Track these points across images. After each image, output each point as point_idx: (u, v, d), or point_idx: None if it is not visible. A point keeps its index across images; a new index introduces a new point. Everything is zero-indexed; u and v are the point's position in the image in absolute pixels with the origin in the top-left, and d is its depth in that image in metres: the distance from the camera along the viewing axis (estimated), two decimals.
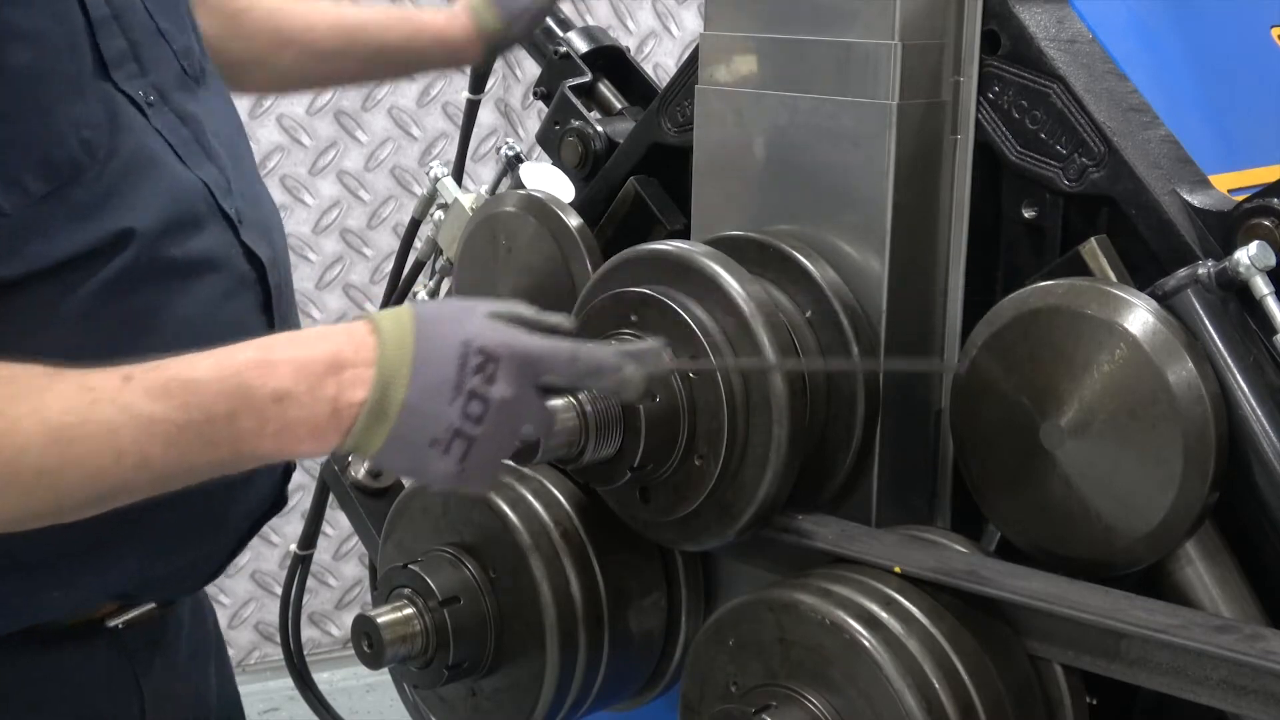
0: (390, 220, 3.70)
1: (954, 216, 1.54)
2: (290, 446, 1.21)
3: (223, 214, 1.46)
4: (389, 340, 1.22)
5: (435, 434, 1.21)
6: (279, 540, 3.75)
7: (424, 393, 1.21)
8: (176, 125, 1.45)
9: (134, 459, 1.16)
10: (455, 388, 1.21)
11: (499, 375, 1.23)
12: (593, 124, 1.94)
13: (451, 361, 1.22)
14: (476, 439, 1.23)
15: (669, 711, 1.60)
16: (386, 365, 1.21)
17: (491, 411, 1.23)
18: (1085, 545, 1.39)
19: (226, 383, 1.18)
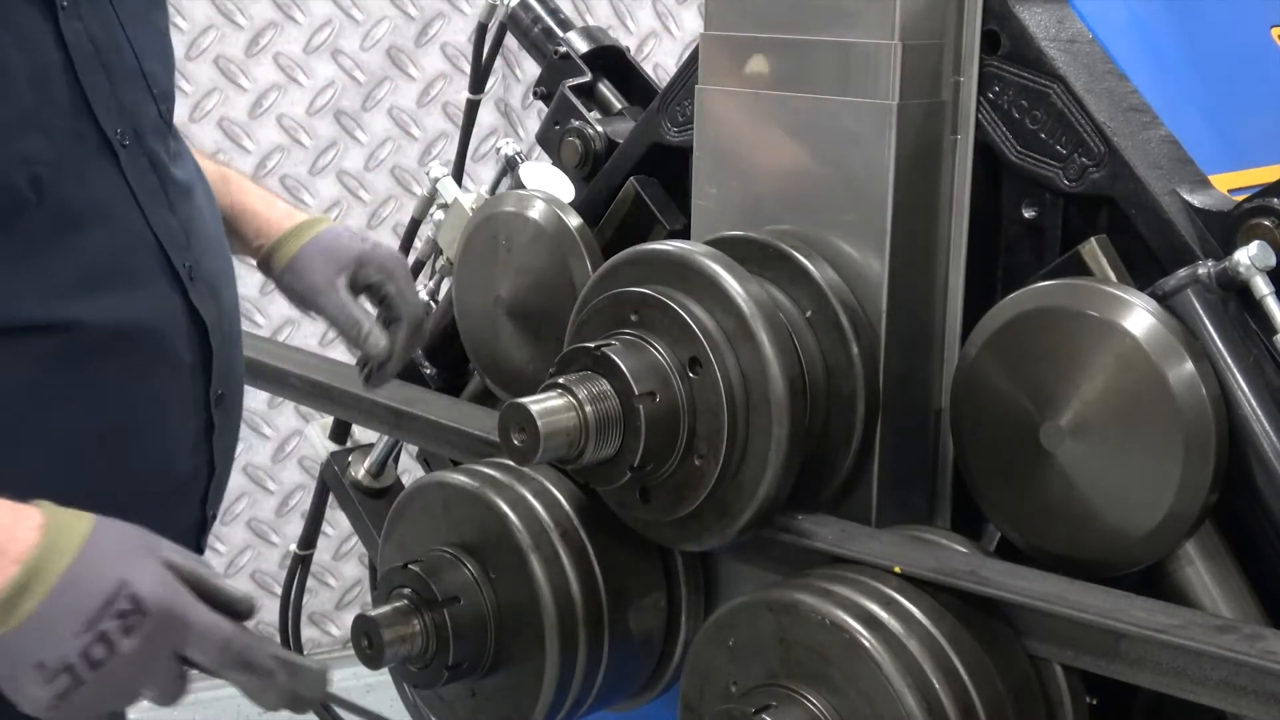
0: (390, 220, 3.69)
1: (954, 216, 1.54)
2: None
3: (172, 271, 1.41)
4: (53, 544, 1.14)
5: (45, 658, 1.13)
6: (279, 540, 3.75)
7: (55, 613, 1.12)
8: (146, 170, 1.41)
9: None
10: (88, 624, 1.13)
11: (138, 631, 1.14)
12: (593, 124, 1.94)
13: (98, 594, 1.13)
14: (84, 684, 1.14)
15: (669, 711, 1.60)
16: (33, 570, 1.12)
17: (112, 664, 1.14)
18: (1085, 545, 1.39)
19: None
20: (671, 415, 1.45)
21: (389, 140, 3.68)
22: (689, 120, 1.71)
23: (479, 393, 2.08)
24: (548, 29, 2.12)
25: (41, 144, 1.29)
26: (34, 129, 1.28)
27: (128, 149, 1.38)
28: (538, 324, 1.85)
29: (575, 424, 1.42)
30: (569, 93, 2.00)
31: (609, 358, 1.45)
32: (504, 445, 1.44)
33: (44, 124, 1.29)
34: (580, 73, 2.04)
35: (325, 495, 2.29)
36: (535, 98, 2.10)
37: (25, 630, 1.12)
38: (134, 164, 1.39)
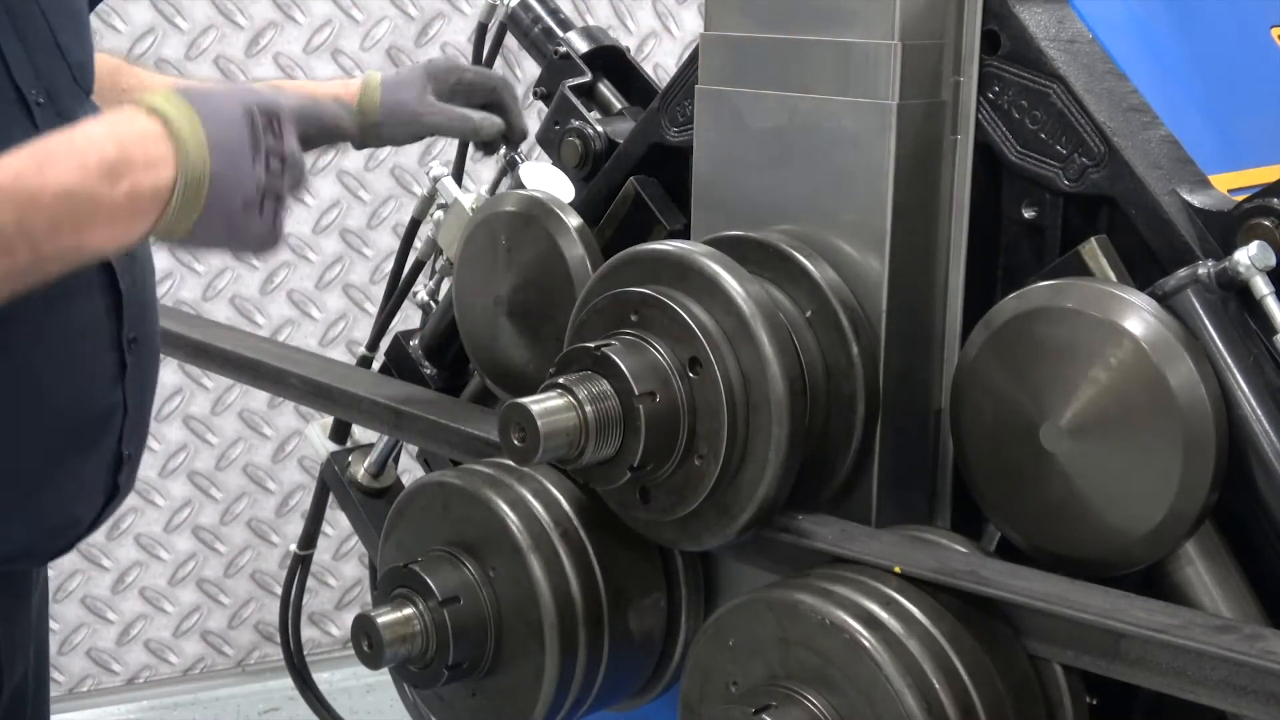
0: (390, 220, 3.70)
1: (954, 216, 1.54)
2: (88, 240, 1.27)
3: None
4: (175, 118, 1.26)
5: (248, 194, 1.28)
6: (279, 540, 3.75)
7: (227, 159, 1.27)
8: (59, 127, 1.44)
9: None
10: (254, 146, 1.28)
11: (285, 130, 1.31)
12: (593, 124, 1.94)
13: (242, 124, 1.28)
14: (282, 194, 1.31)
15: (669, 711, 1.60)
16: (186, 142, 1.26)
17: (289, 165, 1.31)
18: (1085, 545, 1.39)
19: (6, 190, 1.23)
20: (671, 415, 1.45)
21: None
22: (689, 120, 1.71)
23: (479, 393, 2.08)
24: (548, 29, 2.12)
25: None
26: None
27: (42, 107, 1.47)
28: (538, 324, 1.85)
29: (575, 424, 1.42)
30: (569, 93, 2.00)
31: (609, 358, 1.45)
32: (504, 445, 1.44)
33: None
34: (580, 73, 2.03)
35: (325, 495, 2.29)
36: (535, 98, 2.10)
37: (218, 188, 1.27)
38: (47, 121, 1.46)
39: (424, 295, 2.16)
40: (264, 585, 3.77)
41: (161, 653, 3.72)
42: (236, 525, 3.72)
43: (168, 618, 3.70)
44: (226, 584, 3.74)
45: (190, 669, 3.76)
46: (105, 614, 3.64)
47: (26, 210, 1.23)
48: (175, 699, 3.71)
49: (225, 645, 3.77)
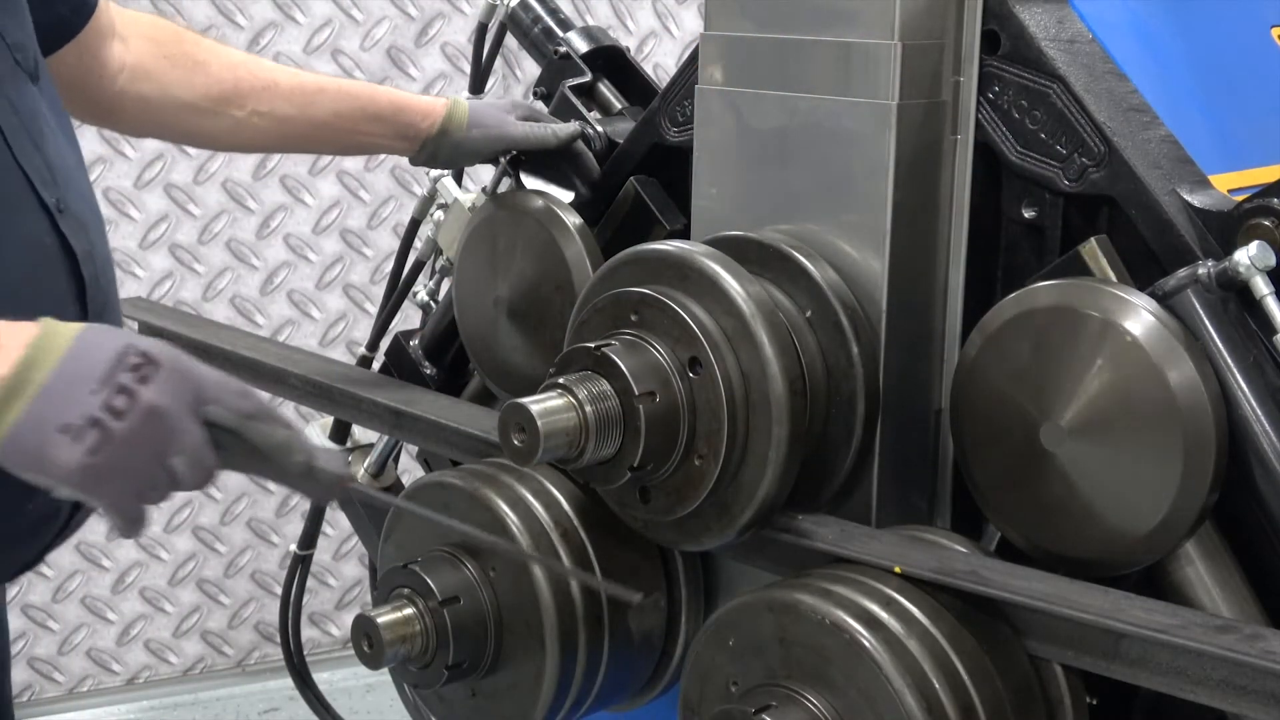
0: (390, 220, 3.70)
1: (954, 216, 1.54)
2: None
3: (40, 203, 1.45)
4: (52, 330, 1.19)
5: (69, 419, 1.16)
6: (279, 540, 3.75)
7: (67, 378, 1.17)
8: (8, 111, 1.44)
9: None
10: (102, 379, 1.17)
11: (154, 380, 1.18)
12: (593, 124, 1.94)
13: (107, 357, 1.18)
14: (113, 434, 1.17)
15: (669, 711, 1.60)
16: (38, 348, 1.18)
17: (137, 411, 1.17)
18: (1085, 545, 1.39)
19: None
20: (671, 415, 1.45)
21: None
22: (689, 120, 1.71)
23: (479, 393, 2.08)
24: (548, 29, 2.12)
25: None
26: None
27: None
28: (538, 324, 1.85)
29: (575, 424, 1.42)
30: (569, 93, 2.00)
31: (609, 358, 1.45)
32: (504, 445, 1.44)
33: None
34: (580, 73, 2.03)
35: None
36: (535, 98, 2.10)
37: (42, 399, 1.16)
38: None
39: (424, 295, 2.16)
40: (264, 585, 3.77)
41: (161, 653, 3.72)
42: (236, 525, 3.72)
43: (168, 618, 3.71)
44: (226, 584, 3.74)
45: (190, 669, 3.76)
46: (105, 614, 3.64)
47: None
48: (175, 699, 3.71)
49: (225, 645, 3.77)
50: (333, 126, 1.85)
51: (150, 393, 1.18)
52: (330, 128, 1.85)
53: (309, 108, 1.83)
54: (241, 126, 1.84)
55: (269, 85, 1.81)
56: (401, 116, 1.85)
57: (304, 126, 1.84)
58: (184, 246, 3.52)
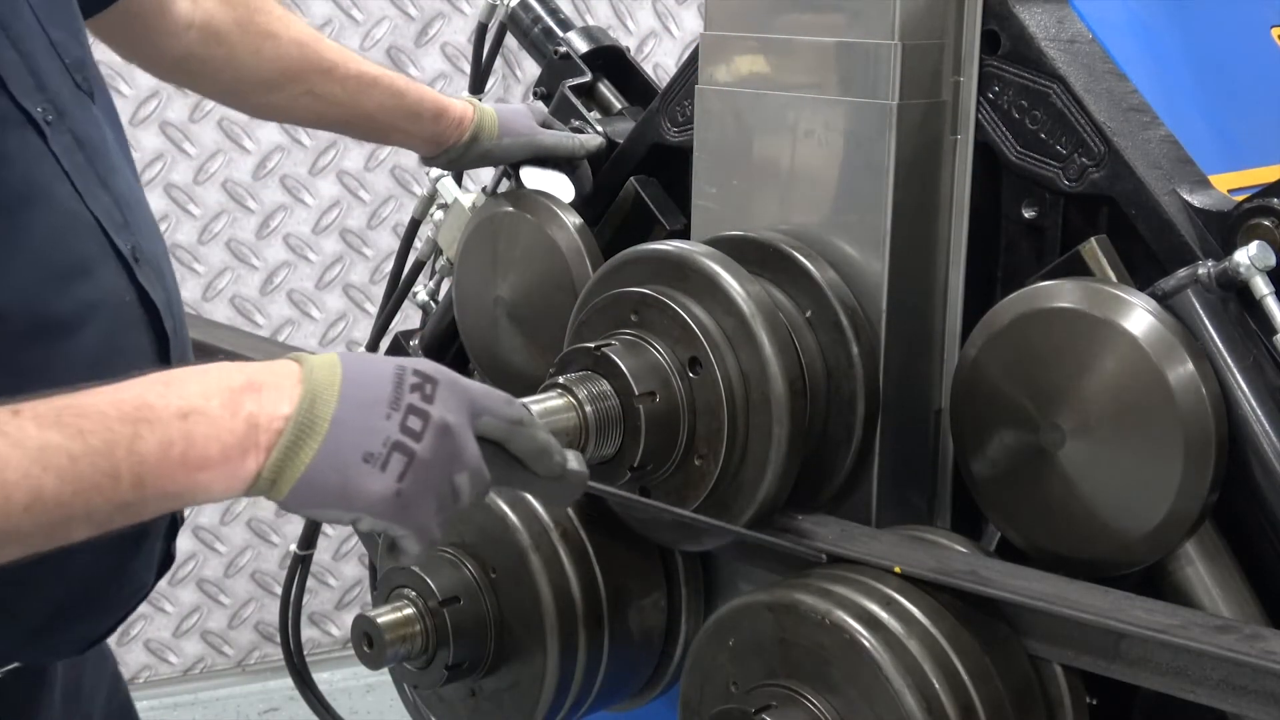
0: (390, 220, 3.70)
1: (954, 216, 1.54)
2: (197, 474, 1.06)
3: (116, 253, 1.32)
4: (316, 364, 1.12)
5: (370, 447, 1.10)
6: (279, 540, 3.75)
7: (357, 406, 1.11)
8: (73, 149, 1.30)
9: (24, 496, 0.99)
10: (391, 403, 1.12)
11: (438, 396, 1.14)
12: (593, 124, 1.94)
13: (386, 379, 1.13)
14: (416, 455, 1.12)
15: (669, 711, 1.60)
16: (313, 381, 1.10)
17: (431, 430, 1.13)
18: (1085, 545, 1.39)
19: (125, 404, 1.04)
20: (671, 415, 1.45)
21: None
22: (689, 120, 1.71)
23: None
24: (548, 29, 2.12)
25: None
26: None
27: (52, 126, 1.28)
28: (538, 324, 1.85)
29: (575, 424, 1.42)
30: (569, 93, 2.00)
31: (609, 358, 1.45)
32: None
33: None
34: (580, 73, 2.03)
35: None
36: (535, 98, 2.10)
37: (337, 431, 1.09)
38: (60, 142, 1.28)
39: (424, 295, 2.16)
40: (264, 585, 3.77)
41: (161, 653, 3.72)
42: (236, 525, 3.72)
43: (168, 618, 3.71)
44: (226, 584, 3.74)
45: (190, 669, 3.76)
46: None
47: (140, 428, 1.04)
48: (175, 699, 3.71)
49: (225, 645, 3.77)
50: (375, 119, 1.85)
51: (438, 409, 1.14)
52: (372, 120, 1.85)
53: (359, 97, 1.81)
54: (293, 103, 1.82)
55: (328, 69, 1.79)
56: (439, 122, 1.85)
57: (348, 114, 1.84)
58: (184, 246, 3.52)
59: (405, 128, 1.86)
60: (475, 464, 1.18)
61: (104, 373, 1.23)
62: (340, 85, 1.80)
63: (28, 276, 1.22)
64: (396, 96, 1.82)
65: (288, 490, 1.09)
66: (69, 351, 1.25)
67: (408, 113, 1.84)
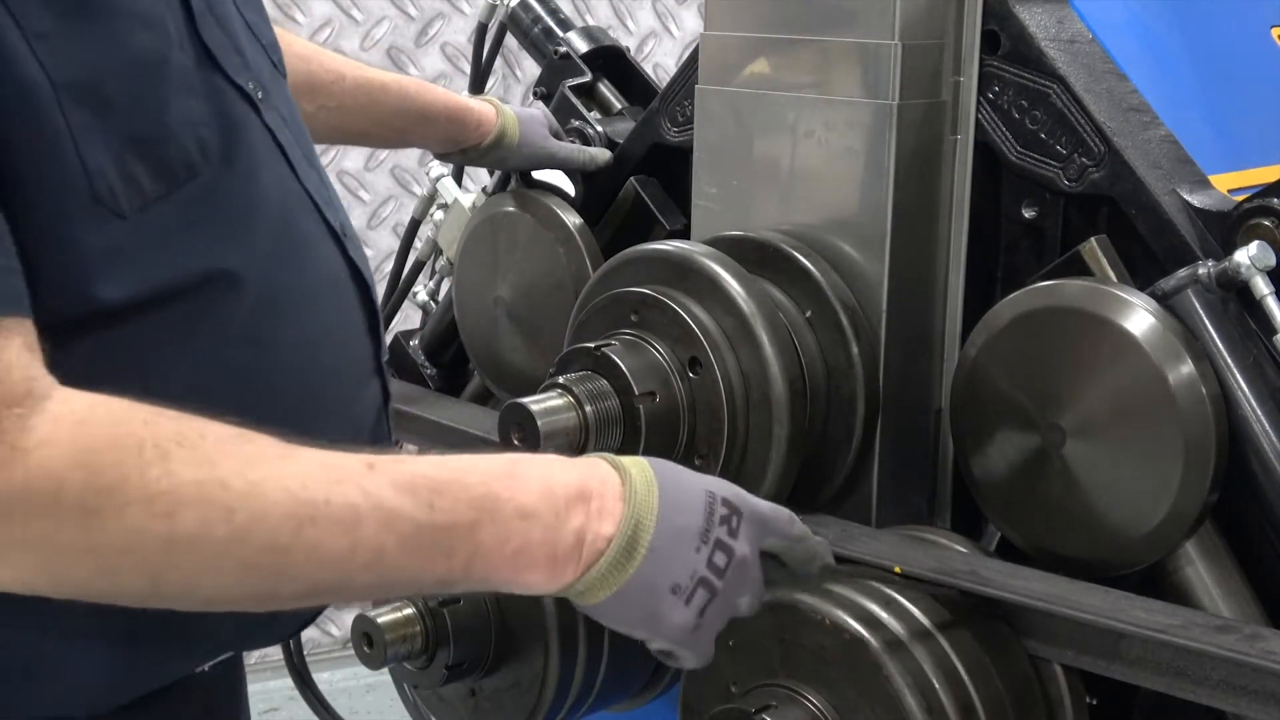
0: (390, 220, 3.70)
1: (954, 216, 1.54)
2: (522, 573, 1.11)
3: (329, 229, 1.33)
4: (636, 479, 1.15)
5: (679, 579, 1.15)
6: None
7: (672, 536, 1.14)
8: (281, 125, 1.30)
9: (368, 554, 1.03)
10: (702, 534, 1.16)
11: (741, 530, 1.18)
12: (593, 124, 1.94)
13: (699, 508, 1.17)
14: (718, 592, 1.17)
15: (669, 711, 1.60)
16: (637, 503, 1.14)
17: (734, 566, 1.17)
18: (1085, 545, 1.39)
19: (473, 489, 1.08)
20: (671, 415, 1.45)
21: None
22: (689, 120, 1.71)
23: (479, 393, 2.08)
24: (548, 29, 2.12)
25: (194, 104, 1.18)
26: (185, 87, 1.17)
27: (262, 103, 1.27)
28: (538, 324, 1.85)
29: (575, 424, 1.42)
30: (569, 93, 2.00)
31: (609, 358, 1.45)
32: (504, 445, 1.44)
33: (188, 82, 1.18)
34: (580, 73, 2.03)
35: None
36: (535, 98, 2.10)
37: (651, 561, 1.13)
38: (271, 118, 1.28)
39: (424, 295, 2.16)
40: None
41: None
42: None
43: None
44: None
45: None
46: None
47: (483, 516, 1.08)
48: None
49: None
50: (390, 126, 1.85)
51: (741, 545, 1.18)
52: (387, 126, 1.85)
53: (371, 106, 1.81)
54: (316, 119, 1.79)
55: (337, 79, 1.79)
56: (454, 123, 1.85)
57: (363, 123, 1.84)
58: None
59: (420, 131, 1.86)
60: (759, 587, 1.23)
61: (329, 349, 1.29)
62: (351, 96, 1.79)
63: (263, 247, 1.23)
64: (407, 100, 1.82)
65: (595, 603, 1.14)
66: (301, 324, 1.26)
67: (421, 117, 1.84)
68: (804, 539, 1.27)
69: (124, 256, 1.11)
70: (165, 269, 1.14)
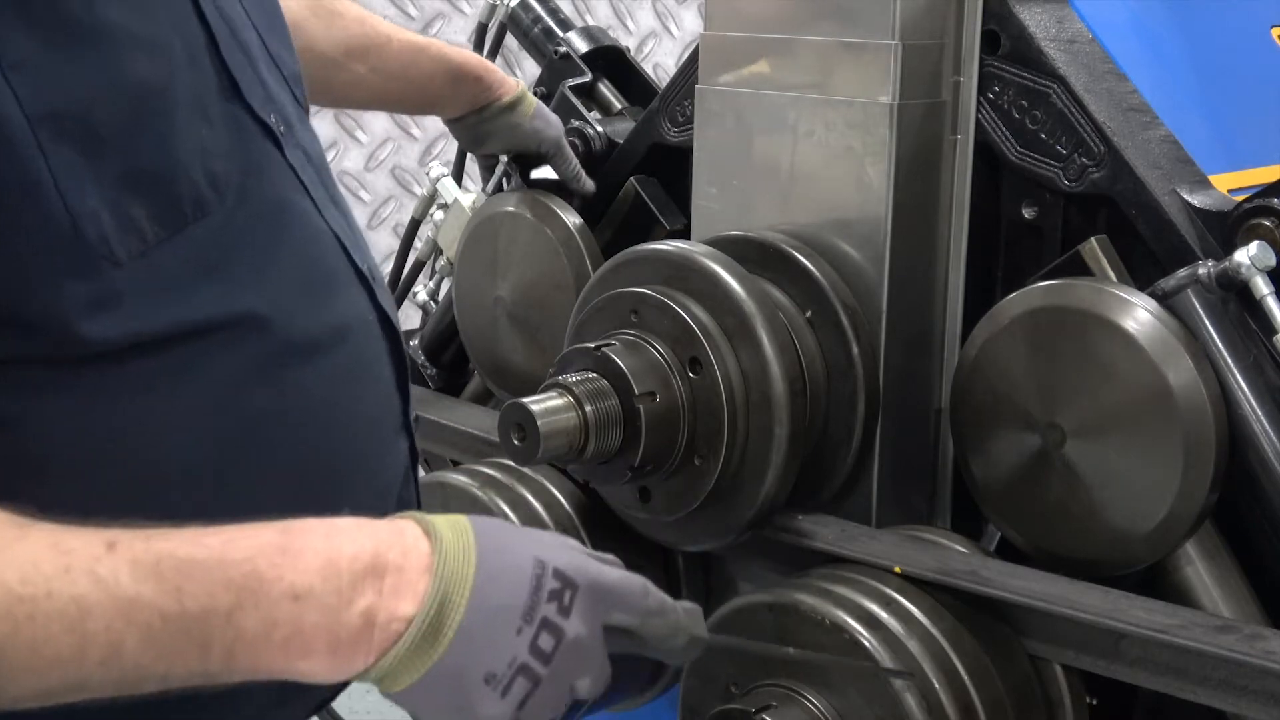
0: (390, 220, 3.70)
1: (954, 216, 1.54)
2: (298, 662, 0.96)
3: (357, 272, 1.24)
4: (448, 546, 1.01)
5: (493, 668, 1.00)
6: None
7: (487, 617, 1.00)
8: (304, 163, 1.22)
9: (101, 651, 0.91)
10: (525, 614, 1.01)
11: (575, 606, 1.04)
12: (593, 124, 1.94)
13: (523, 581, 1.02)
14: (541, 680, 1.02)
15: (669, 711, 1.60)
16: (446, 576, 0.99)
17: (563, 649, 1.03)
18: (1085, 545, 1.39)
19: (233, 569, 0.94)
20: (671, 415, 1.45)
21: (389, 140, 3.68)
22: (689, 120, 1.71)
23: (479, 393, 2.08)
24: (548, 29, 2.12)
25: (210, 134, 1.10)
26: (199, 117, 1.09)
27: (284, 138, 1.20)
28: (538, 324, 1.85)
29: (575, 424, 1.42)
30: (569, 93, 2.00)
31: (609, 358, 1.44)
32: (504, 445, 1.44)
33: (206, 111, 1.10)
34: (580, 73, 2.04)
35: None
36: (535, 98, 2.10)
37: (459, 646, 0.99)
38: (294, 155, 1.21)
39: (424, 295, 2.16)
40: None
41: None
42: None
43: None
44: None
45: None
46: None
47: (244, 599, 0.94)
48: None
49: None
50: (426, 88, 1.85)
51: (573, 625, 1.03)
52: (424, 89, 1.85)
53: (411, 68, 1.81)
54: (359, 81, 1.80)
55: (385, 42, 1.79)
56: (481, 82, 1.85)
57: (403, 85, 1.83)
58: None
59: (451, 92, 1.86)
60: (600, 668, 1.08)
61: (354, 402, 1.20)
62: (395, 58, 1.80)
63: (287, 289, 1.15)
64: (443, 62, 1.83)
65: (396, 691, 1.00)
66: (324, 370, 1.18)
67: (454, 77, 1.84)
68: (661, 612, 1.12)
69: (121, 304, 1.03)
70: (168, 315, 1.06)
